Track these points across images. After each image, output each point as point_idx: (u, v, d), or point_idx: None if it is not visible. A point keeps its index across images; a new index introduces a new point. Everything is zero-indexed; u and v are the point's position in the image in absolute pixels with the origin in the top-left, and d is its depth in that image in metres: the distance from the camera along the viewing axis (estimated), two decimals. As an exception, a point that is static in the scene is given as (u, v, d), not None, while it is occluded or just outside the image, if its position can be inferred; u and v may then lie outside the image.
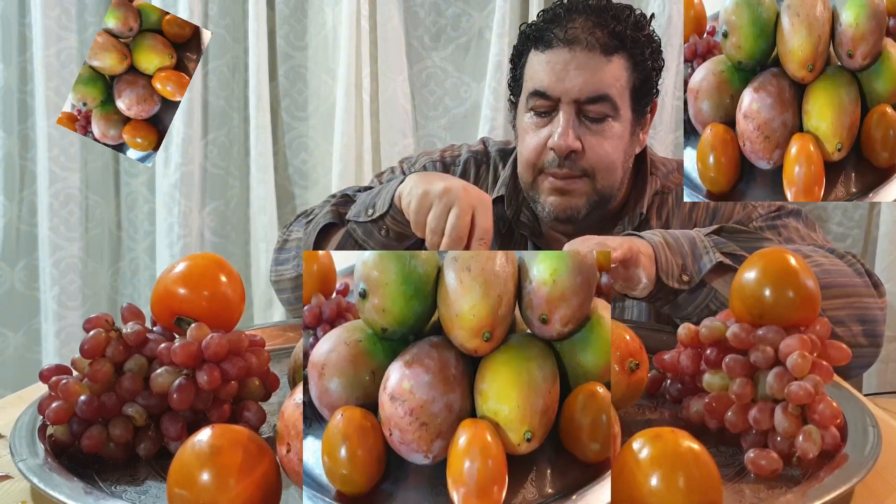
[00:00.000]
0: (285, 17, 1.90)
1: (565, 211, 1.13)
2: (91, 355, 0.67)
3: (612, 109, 1.12)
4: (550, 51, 1.12)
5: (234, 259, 1.95)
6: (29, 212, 1.98)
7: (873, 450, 0.63)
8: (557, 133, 1.10)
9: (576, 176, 1.12)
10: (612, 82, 1.11)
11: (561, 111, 1.11)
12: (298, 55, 1.92)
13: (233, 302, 0.73)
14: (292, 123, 1.93)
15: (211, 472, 0.53)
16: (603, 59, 1.10)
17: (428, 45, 1.89)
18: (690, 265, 0.96)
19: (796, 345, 0.65)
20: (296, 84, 1.92)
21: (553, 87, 1.11)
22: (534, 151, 1.13)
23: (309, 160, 1.94)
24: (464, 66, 1.88)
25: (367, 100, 1.86)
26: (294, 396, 0.60)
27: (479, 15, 1.87)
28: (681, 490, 0.51)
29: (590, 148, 1.11)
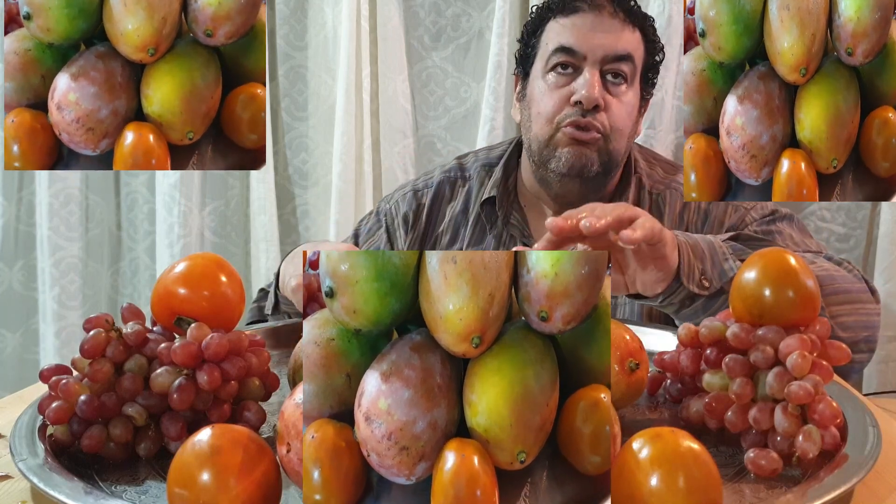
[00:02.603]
0: (285, 17, 1.90)
1: (580, 159, 1.15)
2: (91, 355, 0.67)
3: (631, 73, 1.17)
4: (576, 15, 1.17)
5: (234, 259, 1.95)
6: (28, 212, 1.98)
7: (873, 450, 0.63)
8: (585, 86, 1.13)
9: (595, 129, 1.15)
10: (635, 47, 1.17)
11: (586, 68, 1.15)
12: (298, 55, 1.92)
13: (233, 302, 0.73)
14: (292, 123, 1.93)
15: (211, 472, 0.53)
16: (626, 26, 1.16)
17: (428, 45, 1.89)
18: (710, 270, 0.94)
19: (796, 345, 0.65)
20: (296, 84, 1.92)
21: (580, 44, 1.15)
22: (555, 107, 1.16)
23: (309, 160, 1.94)
24: (464, 66, 1.88)
25: (367, 100, 1.86)
26: (294, 396, 0.60)
27: (479, 15, 1.87)
28: (681, 490, 0.51)
29: (609, 107, 1.15)
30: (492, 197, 1.24)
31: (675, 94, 1.78)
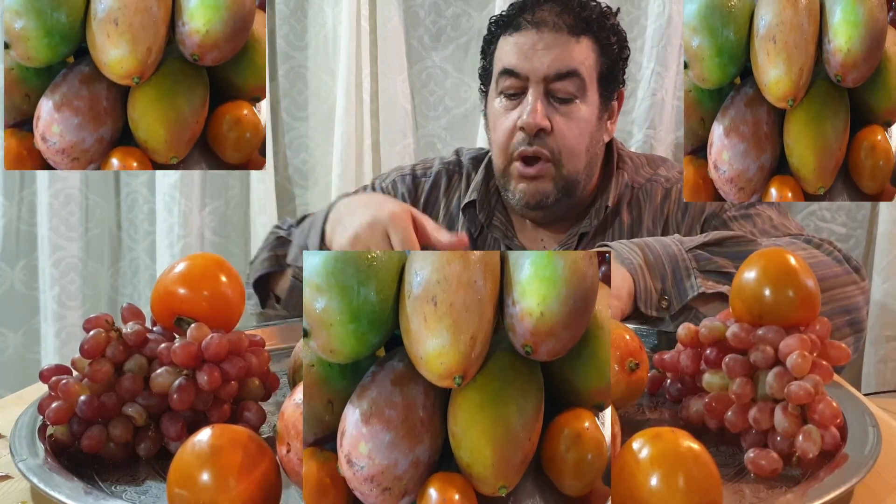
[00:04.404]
0: (285, 17, 1.90)
1: (535, 196, 1.15)
2: (91, 355, 0.67)
3: (580, 89, 1.13)
4: (518, 33, 1.14)
5: (234, 259, 1.95)
6: (29, 212, 1.98)
7: (873, 450, 0.63)
8: (527, 111, 1.11)
9: (543, 159, 1.13)
10: (581, 60, 1.13)
11: (530, 91, 1.13)
12: (298, 55, 1.92)
13: (233, 302, 0.73)
14: (292, 123, 1.93)
15: (211, 472, 0.52)
16: (571, 38, 1.12)
17: (428, 45, 1.89)
18: (670, 289, 0.92)
19: (796, 345, 0.65)
20: (296, 84, 1.92)
21: (521, 66, 1.12)
22: (505, 134, 1.15)
23: (309, 160, 1.94)
24: (464, 66, 1.88)
25: (367, 100, 1.86)
26: (294, 396, 0.60)
27: (479, 15, 1.87)
28: (681, 490, 0.51)
29: (558, 129, 1.12)
30: (472, 201, 1.24)
31: (675, 95, 1.78)
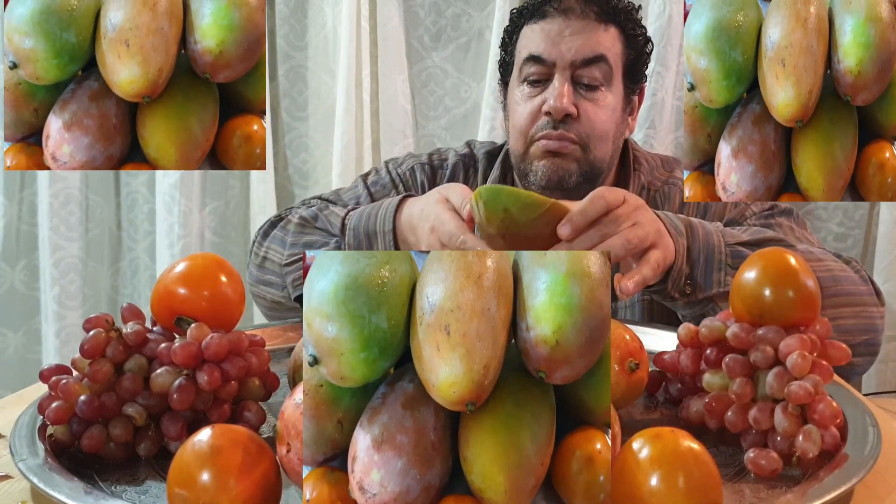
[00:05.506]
0: (285, 17, 1.90)
1: (557, 172, 1.11)
2: (91, 355, 0.67)
3: (606, 76, 1.11)
4: (544, 20, 1.12)
5: (234, 259, 1.95)
6: (29, 212, 1.99)
7: (873, 450, 0.63)
8: (553, 96, 1.09)
9: (569, 140, 1.11)
10: (608, 46, 1.12)
11: (556, 76, 1.11)
12: (298, 55, 1.92)
13: (233, 302, 0.73)
14: (292, 123, 1.93)
15: (211, 472, 0.52)
16: (598, 25, 1.11)
17: (428, 45, 1.89)
18: (699, 277, 0.92)
19: (796, 345, 0.65)
20: (296, 84, 1.92)
21: (548, 51, 1.11)
22: (527, 119, 1.12)
23: (309, 160, 1.94)
24: (464, 66, 1.88)
25: (367, 100, 1.86)
26: (294, 396, 0.60)
27: (479, 15, 1.87)
28: (681, 490, 0.51)
29: (584, 115, 1.11)
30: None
31: (675, 95, 1.78)
